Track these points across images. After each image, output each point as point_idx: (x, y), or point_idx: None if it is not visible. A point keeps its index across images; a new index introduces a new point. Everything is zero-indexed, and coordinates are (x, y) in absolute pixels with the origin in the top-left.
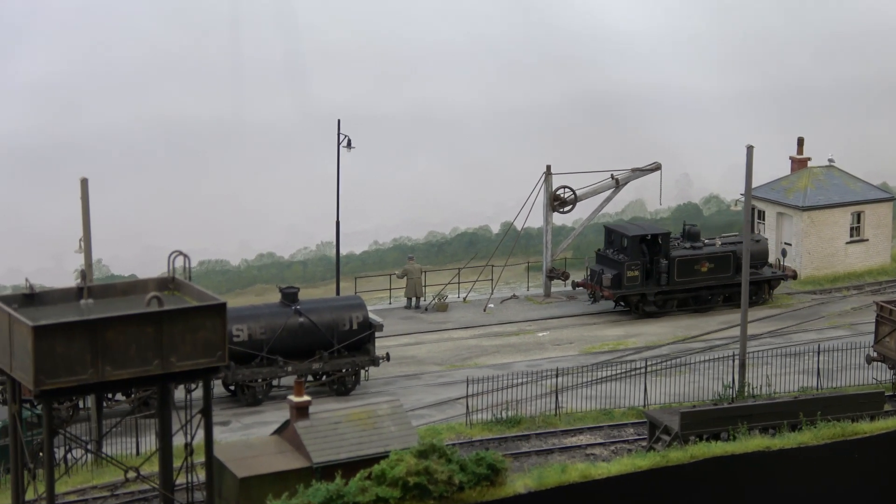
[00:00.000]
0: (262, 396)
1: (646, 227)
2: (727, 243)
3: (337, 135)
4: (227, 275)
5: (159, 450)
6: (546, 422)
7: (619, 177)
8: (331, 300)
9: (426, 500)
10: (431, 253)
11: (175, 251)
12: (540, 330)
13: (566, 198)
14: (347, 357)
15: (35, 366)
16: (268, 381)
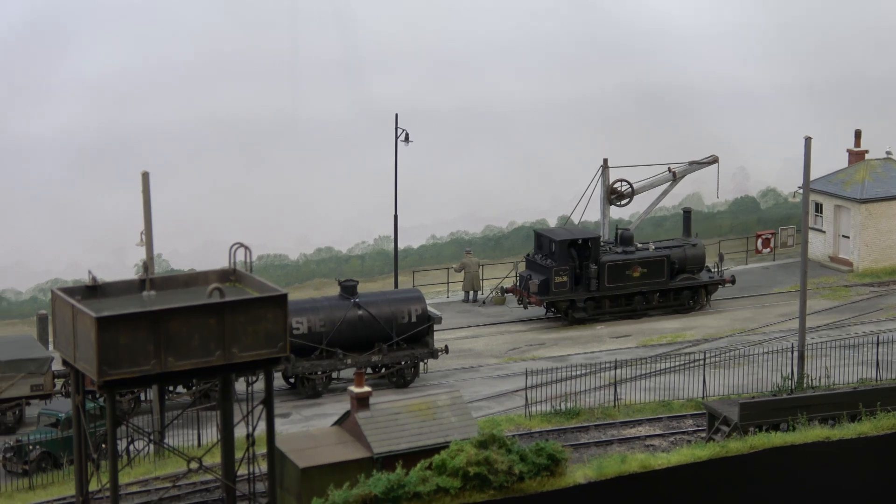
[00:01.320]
0: (322, 389)
1: (574, 232)
2: (661, 248)
3: (395, 129)
4: (286, 269)
5: (221, 441)
6: (605, 413)
7: (677, 170)
8: (389, 293)
9: (486, 490)
10: (488, 247)
11: (236, 243)
12: (597, 323)
13: (623, 191)
14: (406, 349)
15: (99, 357)
16: (327, 373)
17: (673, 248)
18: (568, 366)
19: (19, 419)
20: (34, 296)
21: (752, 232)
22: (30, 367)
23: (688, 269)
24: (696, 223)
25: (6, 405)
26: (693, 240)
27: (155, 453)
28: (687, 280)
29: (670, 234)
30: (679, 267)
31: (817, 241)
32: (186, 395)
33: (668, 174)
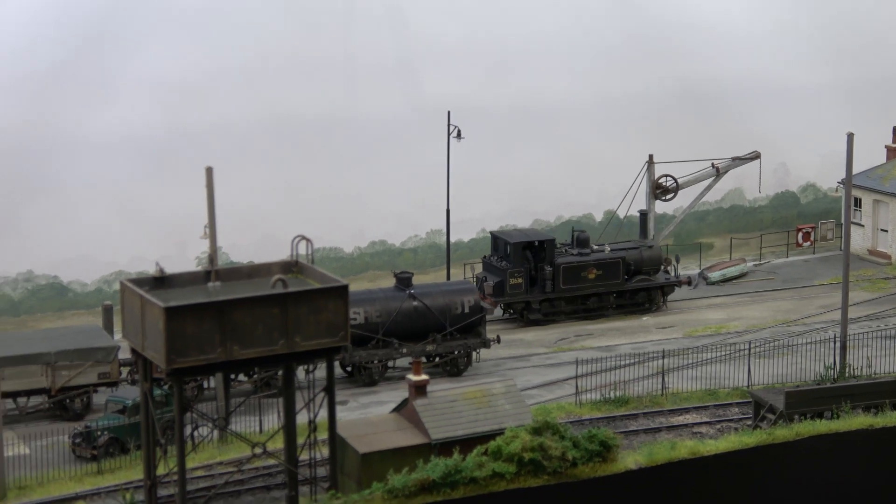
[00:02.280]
0: (378, 377)
1: (529, 234)
2: (617, 250)
3: (447, 126)
4: (341, 261)
5: (284, 427)
6: (653, 401)
7: (720, 165)
8: (443, 285)
9: (540, 476)
10: None
11: (298, 236)
12: (642, 314)
13: (668, 186)
14: (459, 339)
15: (167, 345)
16: (383, 362)
17: (629, 250)
18: (616, 355)
19: (87, 406)
20: (99, 287)
21: (792, 226)
22: (97, 355)
23: (644, 270)
24: (738, 217)
25: (74, 392)
26: (649, 242)
27: (218, 439)
28: (642, 281)
29: (713, 228)
30: (635, 269)
31: (856, 235)
32: (248, 383)
33: (712, 170)
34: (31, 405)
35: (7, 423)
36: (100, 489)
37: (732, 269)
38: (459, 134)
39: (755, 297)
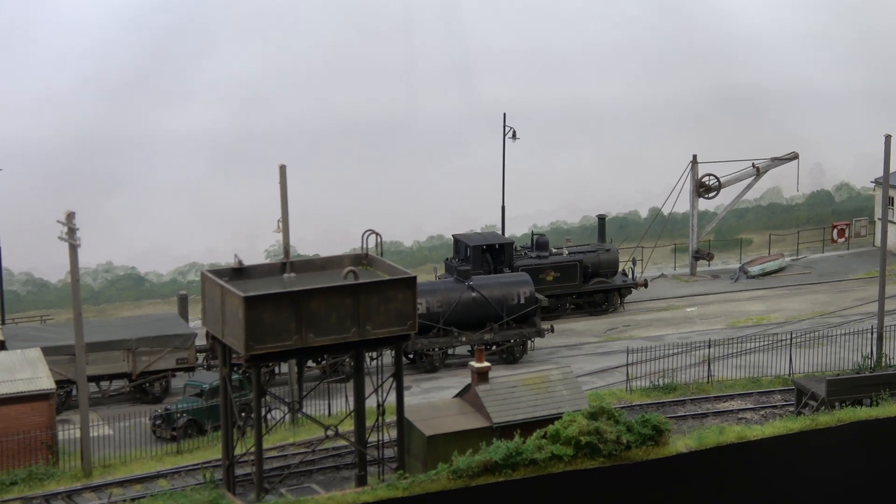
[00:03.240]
0: (439, 364)
1: (489, 238)
2: (575, 252)
3: (503, 127)
4: (401, 255)
5: (354, 410)
6: (699, 389)
7: (760, 165)
8: (500, 277)
9: (596, 458)
10: (585, 235)
11: (368, 230)
12: (688, 305)
13: (711, 184)
14: (515, 329)
15: (246, 333)
16: (444, 350)
17: (587, 253)
18: (663, 345)
19: (165, 389)
20: (174, 278)
21: (827, 223)
22: (175, 342)
23: (601, 273)
24: (776, 215)
25: (154, 377)
26: (607, 245)
27: (290, 421)
28: (600, 283)
29: (752, 225)
30: (593, 271)
31: (890, 232)
32: (316, 369)
33: (752, 169)
34: (113, 389)
35: (91, 405)
36: (179, 468)
37: (771, 263)
38: (515, 135)
39: (793, 290)
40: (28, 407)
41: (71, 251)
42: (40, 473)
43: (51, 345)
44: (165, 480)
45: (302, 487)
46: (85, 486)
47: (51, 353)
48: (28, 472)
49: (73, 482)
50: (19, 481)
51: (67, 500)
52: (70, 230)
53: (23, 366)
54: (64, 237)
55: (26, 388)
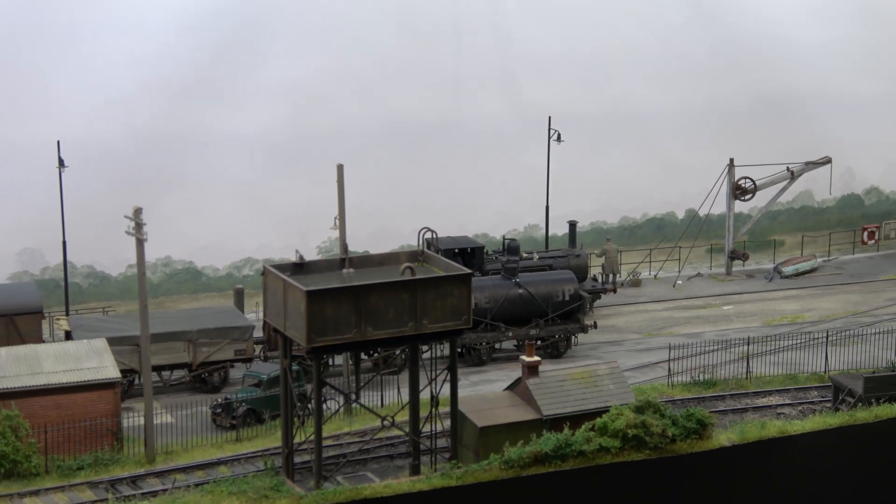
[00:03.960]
0: (486, 358)
1: (460, 241)
2: (545, 258)
3: (547, 130)
4: None
5: (409, 401)
6: (738, 384)
7: (794, 169)
8: (546, 274)
9: (642, 450)
10: (624, 235)
11: (424, 227)
12: (724, 304)
13: (747, 187)
14: (560, 324)
15: (307, 325)
16: (491, 344)
17: (556, 259)
18: (702, 341)
19: (224, 380)
20: (230, 272)
21: (857, 225)
22: (234, 334)
23: None
24: (808, 217)
25: (213, 367)
26: (577, 251)
27: (344, 411)
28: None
29: (784, 227)
30: None
31: None
32: (368, 361)
33: (787, 173)
34: (173, 378)
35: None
36: (239, 455)
37: (804, 264)
38: (559, 137)
39: (825, 289)
40: (95, 395)
41: (138, 245)
42: (106, 459)
43: (115, 335)
44: (226, 467)
45: (357, 475)
46: (148, 471)
47: (115, 344)
48: (94, 458)
49: (137, 468)
50: (86, 466)
51: (132, 486)
52: (137, 225)
53: (89, 355)
54: (131, 232)
55: (93, 376)
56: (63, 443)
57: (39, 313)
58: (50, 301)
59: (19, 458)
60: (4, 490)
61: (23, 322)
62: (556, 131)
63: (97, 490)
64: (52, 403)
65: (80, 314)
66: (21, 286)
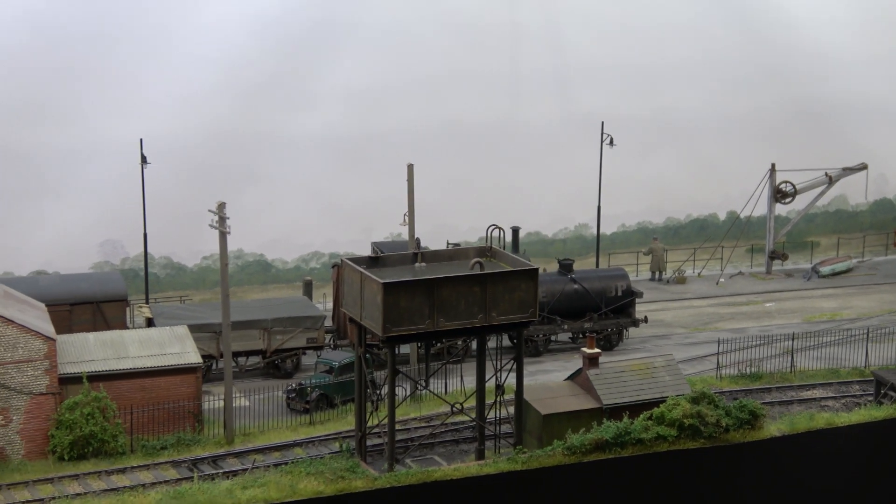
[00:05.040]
0: (542, 349)
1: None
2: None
3: (600, 134)
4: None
5: (476, 389)
6: (783, 378)
7: (832, 174)
8: (599, 271)
9: (697, 439)
10: (669, 235)
11: (492, 225)
12: (766, 301)
13: (787, 191)
14: (612, 318)
15: (383, 316)
16: (547, 336)
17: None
18: (746, 336)
19: (296, 366)
20: (298, 265)
21: (889, 228)
22: (306, 323)
23: None
24: (842, 220)
25: (286, 354)
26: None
27: (411, 398)
28: None
29: (820, 229)
30: None
31: None
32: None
33: (825, 178)
34: (248, 364)
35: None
36: (313, 438)
37: (840, 264)
38: (612, 141)
39: (861, 289)
40: (177, 379)
41: (221, 238)
42: (187, 439)
43: (195, 322)
44: (301, 449)
45: (425, 459)
46: (228, 452)
47: (194, 331)
48: (176, 438)
49: (217, 448)
50: (168, 446)
51: (213, 465)
52: (221, 219)
53: (172, 341)
54: (215, 225)
55: (176, 361)
56: (147, 423)
57: (124, 301)
58: (130, 290)
59: (107, 437)
60: (93, 467)
61: (109, 309)
62: (609, 135)
63: (180, 469)
64: (137, 386)
65: (159, 303)
66: (107, 275)
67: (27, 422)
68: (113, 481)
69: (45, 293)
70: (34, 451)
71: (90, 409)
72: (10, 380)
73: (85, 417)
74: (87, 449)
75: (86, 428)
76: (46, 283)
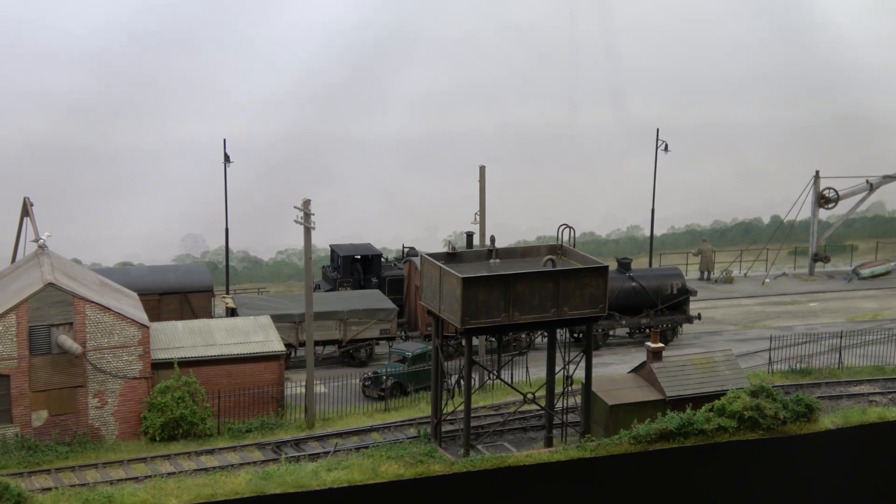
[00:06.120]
0: (601, 343)
1: (359, 248)
2: None
3: (655, 141)
4: None
5: (547, 381)
6: (831, 373)
7: (873, 181)
8: (656, 270)
9: (756, 431)
10: (715, 237)
11: (562, 224)
12: (810, 301)
13: (830, 196)
14: (668, 315)
15: (462, 309)
16: (605, 331)
17: None
18: (793, 334)
19: (369, 355)
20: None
21: None
22: (379, 315)
23: None
24: (880, 225)
25: (360, 344)
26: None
27: (479, 387)
28: None
29: (858, 233)
30: None
31: None
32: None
33: (866, 184)
34: (325, 353)
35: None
36: (388, 424)
37: (879, 267)
38: (667, 147)
39: None
40: (261, 366)
41: (305, 233)
42: (270, 423)
43: (275, 313)
44: (378, 434)
45: (495, 445)
46: (309, 435)
47: (275, 321)
48: (260, 422)
49: (298, 432)
50: (253, 429)
51: (296, 448)
52: (305, 215)
53: (256, 330)
54: (300, 221)
55: (261, 349)
56: (233, 408)
57: (210, 291)
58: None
59: (196, 420)
60: (183, 448)
61: (195, 299)
62: (664, 142)
63: (265, 451)
64: (224, 372)
65: (238, 294)
66: (193, 267)
67: (121, 404)
68: (202, 461)
69: (136, 283)
70: (127, 432)
71: (181, 392)
72: (106, 364)
73: (176, 401)
74: (178, 431)
75: (176, 411)
76: (137, 274)
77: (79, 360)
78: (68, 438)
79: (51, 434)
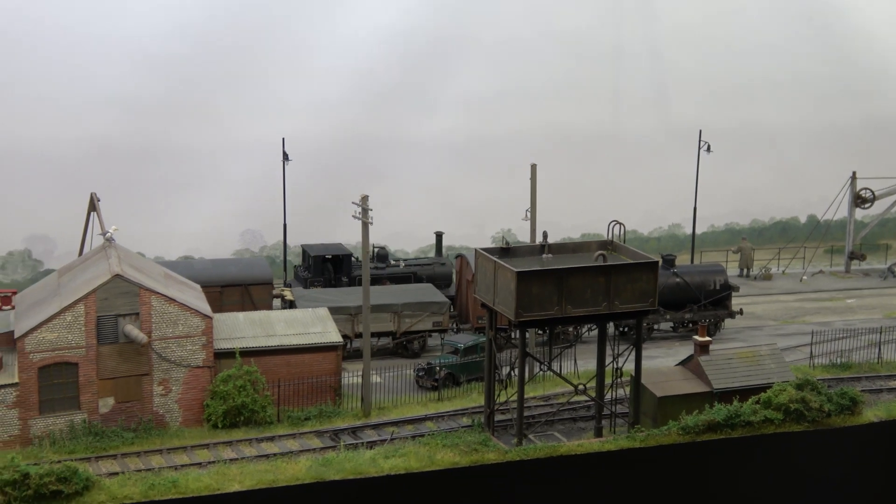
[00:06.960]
0: (646, 336)
1: (330, 248)
2: (411, 265)
3: (698, 142)
4: None
5: (597, 373)
6: (871, 368)
7: None
8: (699, 266)
9: (801, 423)
10: (753, 235)
11: (613, 220)
12: (847, 298)
13: (867, 196)
14: (711, 310)
15: (516, 302)
16: (650, 325)
17: (422, 266)
18: (833, 329)
19: (423, 347)
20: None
21: None
22: (432, 308)
23: (435, 284)
24: None
25: (413, 336)
26: (442, 259)
27: (531, 378)
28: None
29: (892, 232)
30: (427, 282)
31: None
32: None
33: None
34: (379, 344)
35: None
36: (442, 413)
37: None
38: (710, 148)
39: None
40: (319, 356)
41: (363, 228)
42: (328, 412)
43: (332, 305)
44: (432, 423)
45: (546, 435)
46: (365, 424)
47: (332, 313)
48: (318, 411)
49: (355, 420)
50: (311, 417)
51: (353, 436)
52: (364, 210)
53: (314, 322)
54: (358, 216)
55: (319, 340)
56: (292, 396)
57: (270, 284)
58: None
59: (257, 407)
60: (244, 435)
61: (256, 291)
62: (707, 143)
63: (323, 438)
64: (283, 362)
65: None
66: (254, 260)
67: (185, 392)
68: (263, 448)
69: (198, 275)
70: (190, 419)
71: (242, 381)
72: (170, 353)
73: (237, 389)
74: (239, 418)
75: (238, 399)
76: (200, 267)
77: (144, 350)
78: (134, 425)
79: (117, 420)
